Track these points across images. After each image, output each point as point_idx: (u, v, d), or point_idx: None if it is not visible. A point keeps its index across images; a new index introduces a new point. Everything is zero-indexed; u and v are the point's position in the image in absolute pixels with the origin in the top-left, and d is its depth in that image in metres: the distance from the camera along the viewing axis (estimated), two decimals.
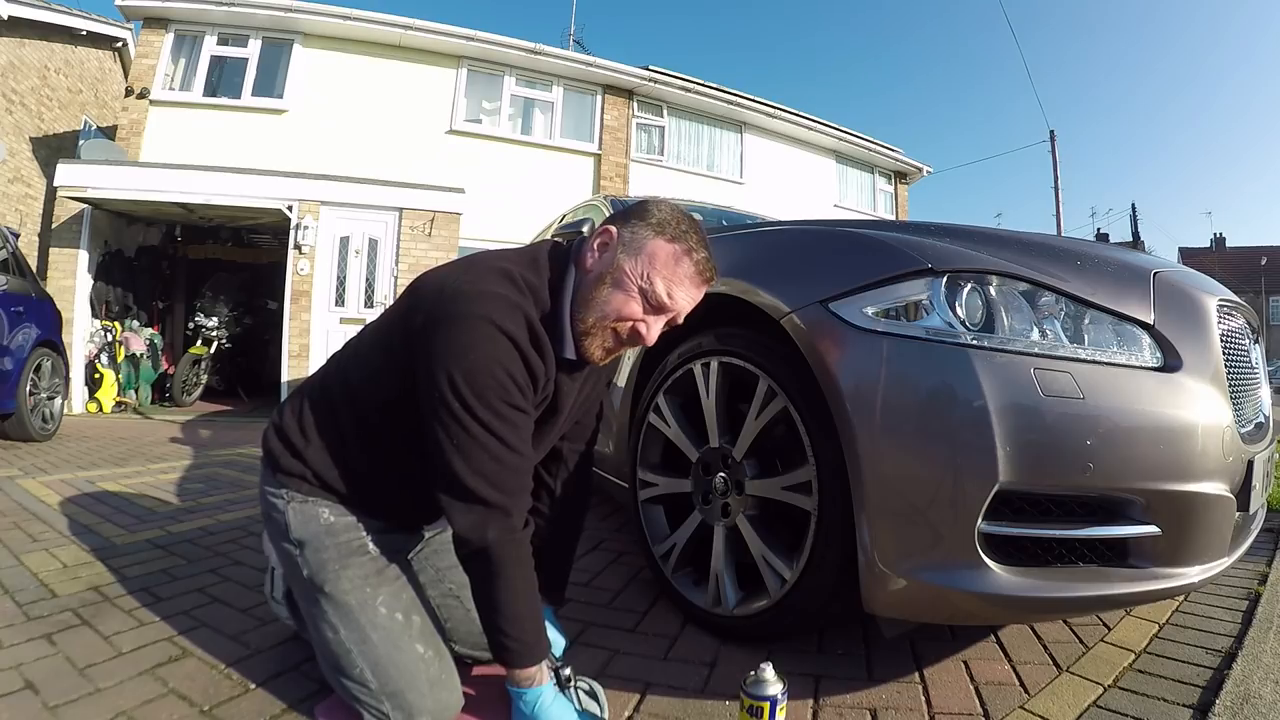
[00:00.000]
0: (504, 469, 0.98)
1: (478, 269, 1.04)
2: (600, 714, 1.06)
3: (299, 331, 6.57)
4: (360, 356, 1.12)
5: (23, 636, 1.31)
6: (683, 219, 1.08)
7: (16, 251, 4.34)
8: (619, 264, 1.05)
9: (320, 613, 1.06)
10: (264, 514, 1.16)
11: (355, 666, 1.03)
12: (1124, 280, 1.17)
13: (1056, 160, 14.73)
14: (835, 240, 1.37)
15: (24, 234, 5.51)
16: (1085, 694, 1.17)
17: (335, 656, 1.05)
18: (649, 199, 1.13)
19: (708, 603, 1.40)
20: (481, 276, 1.01)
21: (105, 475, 3.01)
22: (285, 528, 1.09)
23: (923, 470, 1.04)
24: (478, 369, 0.95)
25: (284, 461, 1.11)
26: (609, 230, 1.07)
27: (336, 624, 1.05)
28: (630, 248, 1.05)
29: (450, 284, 1.01)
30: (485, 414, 0.95)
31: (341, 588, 1.06)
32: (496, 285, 1.00)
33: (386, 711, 1.01)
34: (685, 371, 1.50)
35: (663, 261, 1.04)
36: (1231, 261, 29.76)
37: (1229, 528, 1.13)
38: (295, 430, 1.13)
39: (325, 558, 1.07)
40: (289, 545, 1.10)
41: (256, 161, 6.83)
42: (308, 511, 1.10)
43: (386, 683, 1.02)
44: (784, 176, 10.33)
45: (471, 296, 0.97)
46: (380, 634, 1.04)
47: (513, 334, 0.97)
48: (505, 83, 8.46)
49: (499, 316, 0.96)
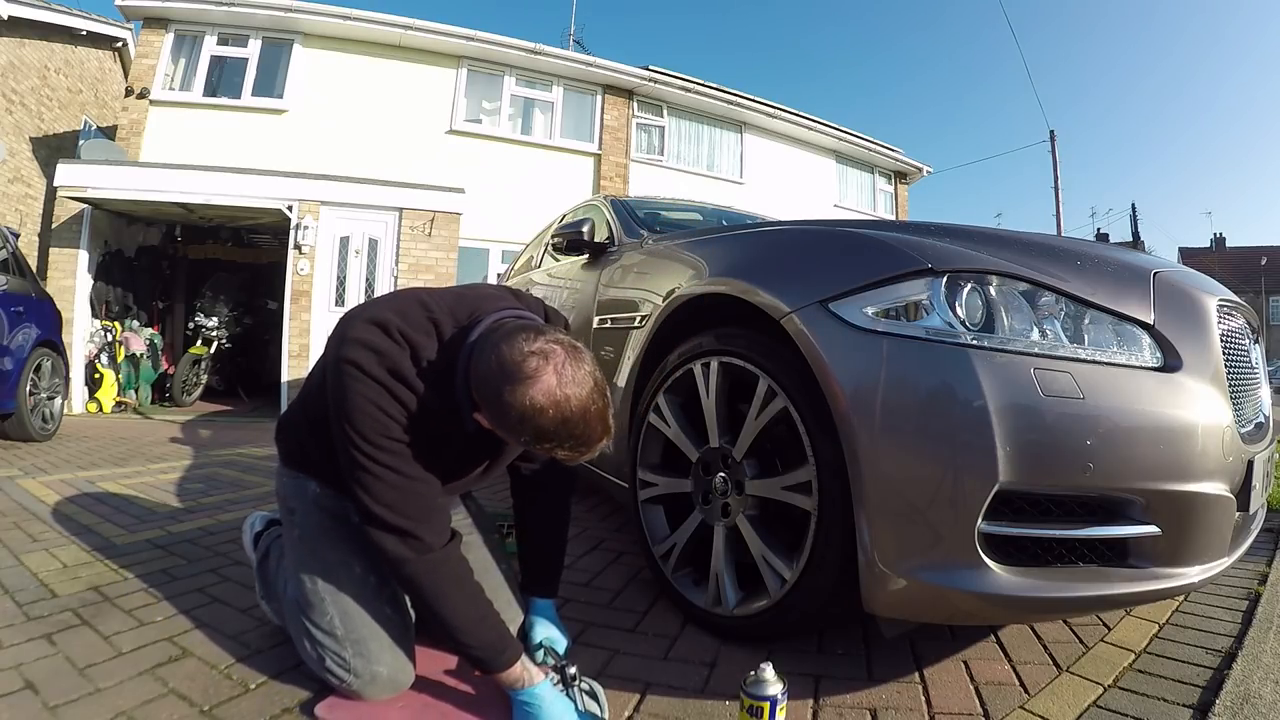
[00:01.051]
0: (405, 496, 1.03)
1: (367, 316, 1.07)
2: (600, 714, 1.06)
3: (299, 331, 6.57)
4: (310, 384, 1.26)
5: (23, 636, 1.31)
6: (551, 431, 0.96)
7: (16, 251, 4.34)
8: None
9: (301, 564, 1.19)
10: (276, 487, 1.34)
11: (326, 614, 1.12)
12: (1124, 280, 1.17)
13: (1056, 160, 14.73)
14: (835, 240, 1.37)
15: (24, 234, 5.51)
16: (1085, 694, 1.17)
17: (309, 604, 1.14)
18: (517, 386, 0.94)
19: (708, 603, 1.40)
20: (359, 326, 1.05)
21: (105, 475, 3.01)
22: (284, 496, 1.28)
23: (923, 470, 1.04)
24: (354, 409, 1.01)
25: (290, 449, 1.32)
26: (478, 419, 1.05)
27: (315, 574, 1.16)
28: (503, 430, 1.01)
29: (336, 331, 1.09)
30: (369, 449, 1.01)
31: (325, 544, 1.19)
32: (370, 336, 1.04)
33: (348, 658, 1.09)
34: (685, 371, 1.50)
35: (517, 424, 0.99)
36: (1231, 261, 29.76)
37: (1229, 528, 1.13)
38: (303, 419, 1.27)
39: (314, 521, 1.22)
40: (285, 512, 1.27)
41: (256, 161, 6.82)
42: (299, 484, 1.26)
43: (352, 630, 1.11)
44: (784, 176, 10.32)
45: (346, 342, 1.04)
46: (353, 588, 1.15)
47: (378, 377, 1.02)
48: (505, 83, 8.45)
49: (366, 363, 1.01)
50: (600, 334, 2.00)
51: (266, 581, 1.39)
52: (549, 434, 0.94)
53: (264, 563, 1.41)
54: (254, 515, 1.59)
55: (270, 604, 1.37)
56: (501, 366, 0.95)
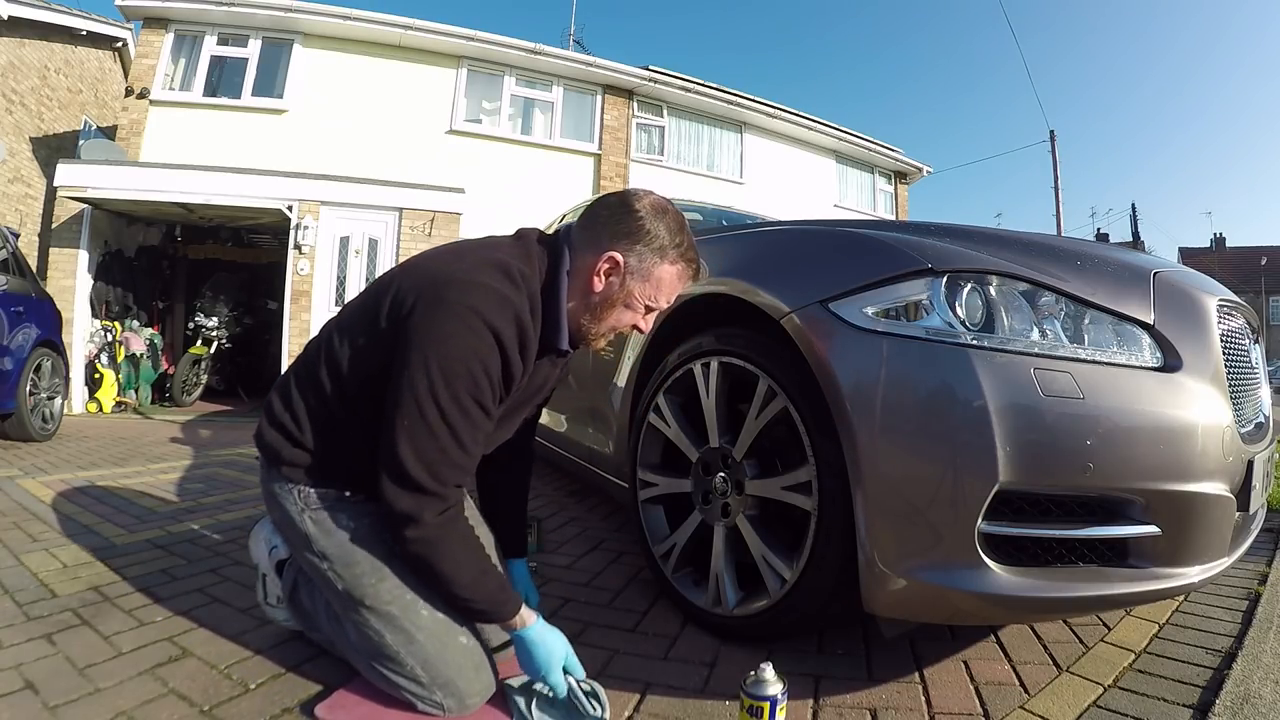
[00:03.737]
0: (447, 462, 0.99)
1: (473, 258, 1.05)
2: (601, 714, 1.06)
3: (299, 331, 6.57)
4: (344, 335, 1.10)
5: (23, 636, 1.31)
6: (677, 230, 1.13)
7: (16, 251, 4.34)
8: (629, 290, 1.12)
9: (361, 620, 1.08)
10: (275, 516, 1.16)
11: (405, 665, 1.06)
12: (1124, 280, 1.17)
13: (1056, 160, 14.74)
14: (835, 240, 1.37)
15: (24, 234, 5.51)
16: (1085, 694, 1.17)
17: (384, 657, 1.07)
18: (633, 202, 1.13)
19: (708, 603, 1.40)
20: (477, 267, 1.02)
21: (105, 475, 3.01)
22: (307, 538, 1.10)
23: (923, 470, 1.04)
24: (454, 357, 0.95)
25: (285, 453, 1.11)
26: (614, 259, 1.10)
27: (381, 630, 1.07)
28: (638, 275, 1.11)
29: (444, 271, 1.01)
30: (448, 403, 0.96)
31: (382, 599, 1.07)
32: (491, 278, 1.00)
33: (440, 700, 1.06)
34: (685, 371, 1.50)
35: (668, 284, 1.14)
36: (1231, 261, 29.76)
37: (1229, 528, 1.13)
38: (289, 419, 1.12)
39: (359, 572, 1.08)
40: (312, 556, 1.10)
41: (256, 161, 6.82)
42: (326, 522, 1.09)
43: (437, 676, 1.06)
44: (784, 176, 10.32)
45: (465, 285, 0.98)
46: (425, 634, 1.07)
47: (499, 331, 0.98)
48: (505, 83, 8.46)
49: (488, 311, 0.97)
50: None
51: (303, 613, 1.27)
52: (677, 230, 1.11)
53: (295, 596, 1.28)
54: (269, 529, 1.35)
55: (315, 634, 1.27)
56: (619, 204, 1.13)
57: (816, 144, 10.81)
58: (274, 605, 1.35)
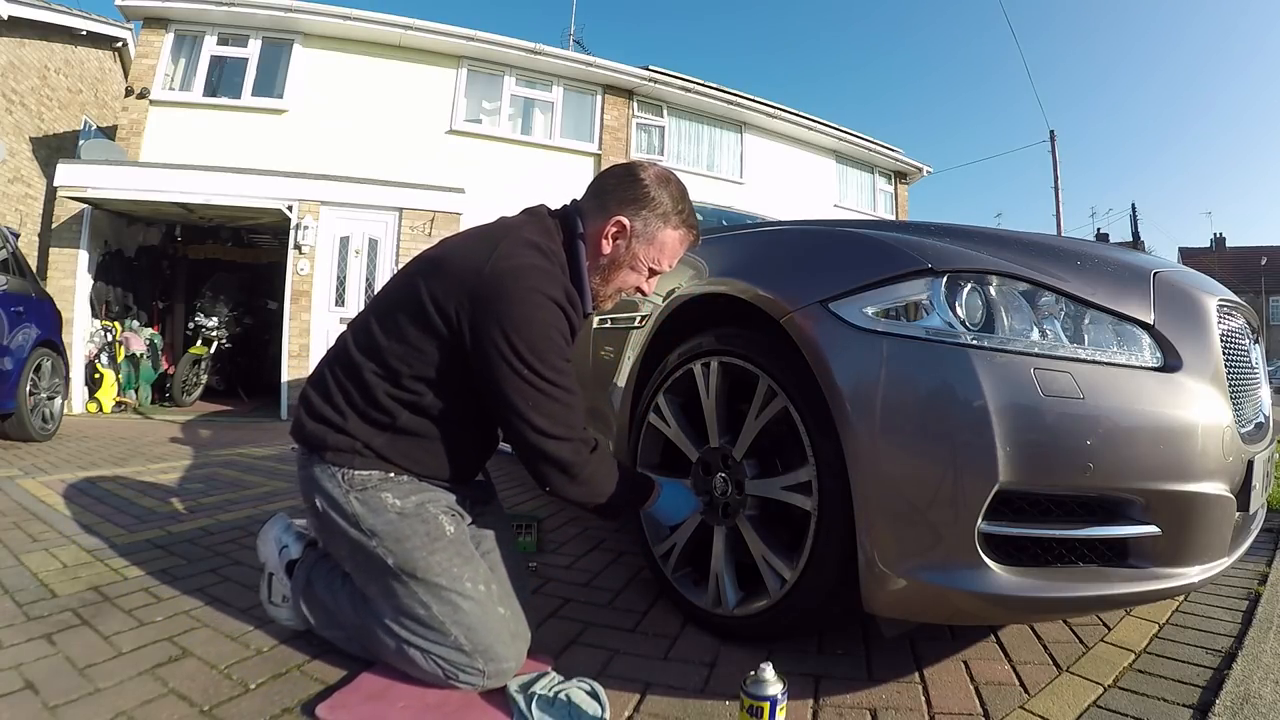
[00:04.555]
0: (573, 411, 1.14)
1: (506, 244, 1.12)
2: (601, 714, 1.06)
3: (299, 331, 6.57)
4: (389, 332, 1.16)
5: (23, 636, 1.31)
6: (679, 198, 1.25)
7: (16, 251, 4.34)
8: (634, 252, 1.24)
9: (407, 593, 1.14)
10: (317, 501, 1.18)
11: (449, 635, 1.12)
12: (1124, 280, 1.17)
13: (1056, 160, 14.73)
14: (835, 240, 1.37)
15: (24, 234, 5.51)
16: (1085, 694, 1.17)
17: (426, 631, 1.12)
18: (639, 171, 1.25)
19: (708, 603, 1.40)
20: (517, 252, 1.11)
21: (105, 475, 3.01)
22: (354, 518, 1.15)
23: (923, 470, 1.04)
24: (539, 336, 1.08)
25: (331, 439, 1.16)
26: (621, 222, 1.22)
27: (428, 601, 1.13)
28: (643, 238, 1.23)
29: (489, 263, 1.09)
30: (550, 373, 1.09)
31: (432, 571, 1.14)
32: (533, 259, 1.12)
33: (481, 666, 1.12)
34: (685, 371, 1.50)
35: (670, 248, 1.26)
36: (1231, 261, 29.75)
37: (1229, 528, 1.13)
38: (330, 410, 1.18)
39: (410, 546, 1.14)
40: (360, 535, 1.15)
41: (256, 161, 6.82)
42: (374, 501, 1.15)
43: (479, 643, 1.12)
44: (784, 176, 10.32)
45: (516, 272, 1.09)
46: (470, 603, 1.14)
47: (559, 300, 1.12)
48: (505, 83, 8.46)
49: (545, 286, 1.10)
50: (600, 334, 2.01)
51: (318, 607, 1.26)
52: (680, 198, 1.23)
53: (310, 591, 1.28)
54: (280, 528, 1.41)
55: (327, 631, 1.27)
56: (626, 174, 1.24)
57: (816, 144, 10.81)
58: (278, 605, 1.35)
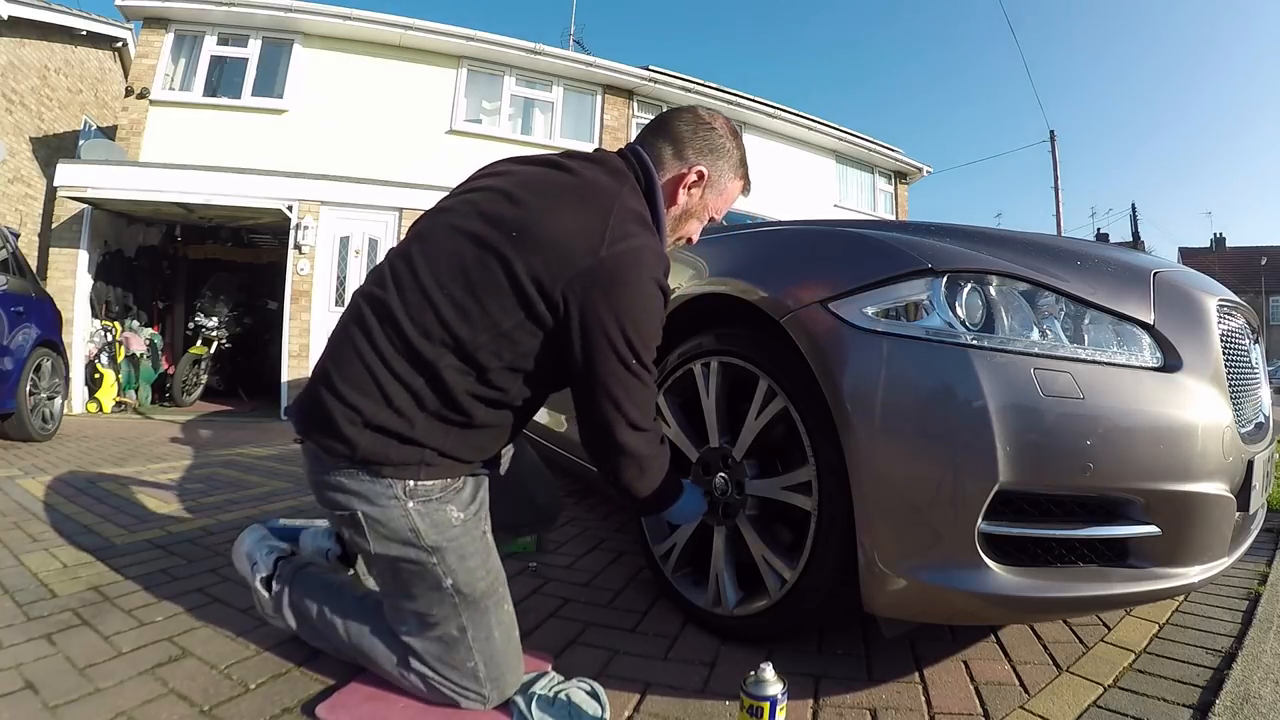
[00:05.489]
0: (655, 398, 1.12)
1: (620, 218, 1.02)
2: (601, 714, 1.06)
3: (299, 331, 6.58)
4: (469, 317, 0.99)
5: (23, 636, 1.31)
6: (743, 150, 1.24)
7: (16, 251, 4.34)
8: (705, 202, 1.21)
9: (451, 615, 1.05)
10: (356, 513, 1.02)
11: (470, 661, 1.06)
12: (1124, 280, 1.17)
13: (1056, 160, 14.75)
14: (835, 240, 1.37)
15: (24, 234, 5.51)
16: (1085, 694, 1.17)
17: (449, 653, 1.06)
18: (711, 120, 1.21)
19: (708, 603, 1.40)
20: (631, 231, 1.02)
21: (105, 475, 3.01)
22: (414, 532, 1.02)
23: (923, 470, 1.04)
24: (652, 328, 1.05)
25: (395, 453, 1.00)
26: (702, 172, 1.19)
27: (466, 625, 1.06)
28: (715, 188, 1.21)
29: (605, 245, 0.98)
30: (646, 358, 1.05)
31: (488, 591, 1.09)
32: (647, 239, 1.05)
33: (486, 693, 1.07)
34: (685, 371, 1.50)
35: (731, 198, 1.25)
36: (1231, 261, 29.74)
37: (1229, 528, 1.13)
38: (391, 417, 0.99)
39: (472, 565, 1.07)
40: (417, 550, 1.02)
41: (256, 161, 6.82)
42: (438, 515, 1.04)
43: (493, 670, 1.07)
44: (784, 176, 10.31)
45: (640, 259, 1.01)
46: (501, 630, 1.10)
47: (666, 287, 1.07)
48: (505, 83, 8.45)
49: (660, 274, 1.05)
50: None
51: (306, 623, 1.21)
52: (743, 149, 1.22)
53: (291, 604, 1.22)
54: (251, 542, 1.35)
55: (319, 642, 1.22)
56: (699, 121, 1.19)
57: (816, 144, 10.80)
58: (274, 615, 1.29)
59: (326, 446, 1.02)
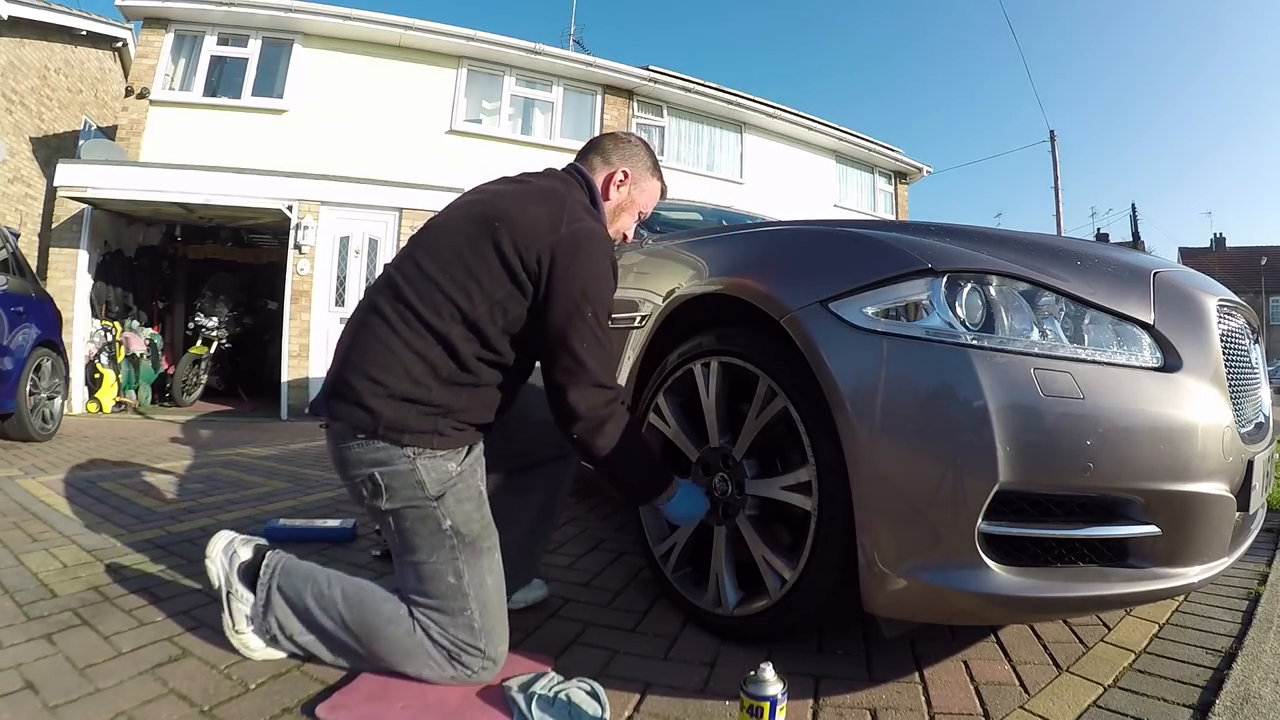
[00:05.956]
0: (613, 361, 1.28)
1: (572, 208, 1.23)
2: (601, 714, 1.06)
3: (299, 331, 6.58)
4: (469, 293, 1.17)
5: (23, 636, 1.31)
6: (654, 155, 1.47)
7: (16, 251, 4.34)
8: (633, 197, 1.42)
9: (448, 557, 1.17)
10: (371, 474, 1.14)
11: (467, 609, 1.16)
12: (1124, 280, 1.17)
13: (1056, 160, 14.74)
14: (835, 240, 1.37)
15: (24, 234, 5.51)
16: (1085, 694, 1.17)
17: (447, 601, 1.16)
18: (626, 135, 1.47)
19: (708, 603, 1.40)
20: (581, 216, 1.23)
21: (105, 475, 3.02)
22: (417, 484, 1.15)
23: (923, 470, 1.04)
24: (603, 290, 1.21)
25: (414, 420, 1.14)
26: (626, 171, 1.40)
27: (463, 570, 1.17)
28: (639, 185, 1.42)
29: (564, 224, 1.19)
30: (605, 320, 1.21)
31: (481, 535, 1.21)
32: (596, 222, 1.27)
33: (482, 646, 1.16)
34: (685, 371, 1.50)
35: (652, 195, 1.47)
36: (1231, 261, 29.75)
37: (1229, 528, 1.13)
38: (410, 385, 1.14)
39: (469, 509, 1.20)
40: (420, 499, 1.15)
41: (256, 161, 6.82)
42: (439, 468, 1.17)
43: (487, 620, 1.17)
44: (784, 176, 10.32)
45: (591, 236, 1.21)
46: (493, 578, 1.21)
47: (614, 260, 1.26)
48: (505, 83, 8.46)
49: (609, 249, 1.24)
50: None
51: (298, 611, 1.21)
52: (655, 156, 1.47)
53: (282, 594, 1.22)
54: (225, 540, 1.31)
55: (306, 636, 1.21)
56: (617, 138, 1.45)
57: (816, 144, 10.81)
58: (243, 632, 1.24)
59: (354, 420, 1.15)
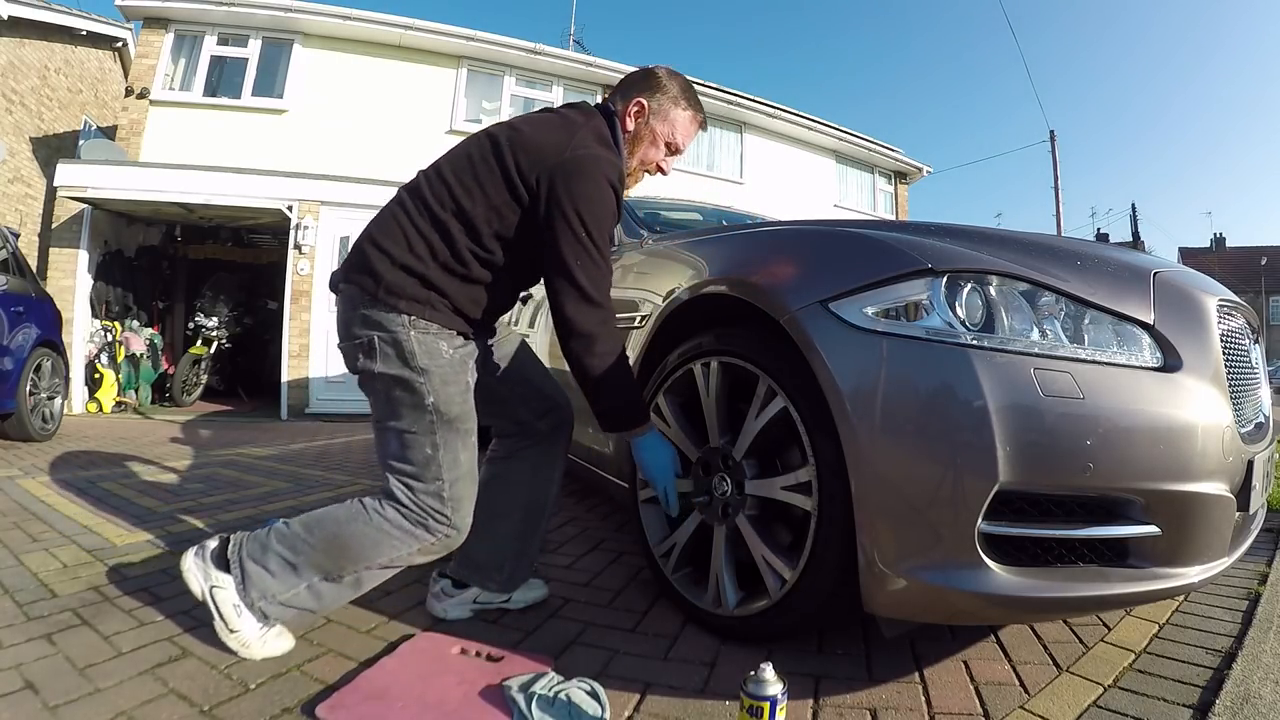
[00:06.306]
0: (607, 279, 1.30)
1: (580, 135, 1.29)
2: (601, 714, 1.06)
3: (299, 331, 6.58)
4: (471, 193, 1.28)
5: (23, 636, 1.31)
6: (686, 87, 1.47)
7: (16, 251, 4.34)
8: (653, 128, 1.43)
9: (427, 429, 1.25)
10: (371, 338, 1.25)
11: (439, 478, 1.25)
12: (1124, 280, 1.17)
13: (1056, 160, 14.75)
14: (835, 240, 1.36)
15: (24, 234, 5.51)
16: (1085, 694, 1.17)
17: (421, 469, 1.24)
18: (652, 69, 1.47)
19: (708, 603, 1.40)
20: (590, 143, 1.29)
21: (105, 475, 3.02)
22: (409, 353, 1.24)
23: (923, 470, 1.04)
24: (599, 212, 1.26)
25: (411, 289, 1.25)
26: (640, 103, 1.42)
27: (440, 444, 1.25)
28: (658, 115, 1.43)
29: (570, 148, 1.27)
30: (601, 242, 1.27)
31: (461, 417, 1.28)
32: (604, 150, 1.31)
33: (448, 514, 1.25)
34: (685, 371, 1.50)
35: (682, 126, 1.46)
36: (1231, 261, 29.75)
37: (1229, 528, 1.13)
38: (413, 259, 1.26)
39: (452, 391, 1.27)
40: (409, 369, 1.24)
41: (256, 161, 6.82)
42: (430, 344, 1.25)
43: (455, 492, 1.26)
44: (784, 176, 10.32)
45: (594, 159, 1.27)
46: (465, 456, 1.29)
47: (616, 186, 1.30)
48: (505, 83, 8.46)
49: (611, 174, 1.28)
50: None
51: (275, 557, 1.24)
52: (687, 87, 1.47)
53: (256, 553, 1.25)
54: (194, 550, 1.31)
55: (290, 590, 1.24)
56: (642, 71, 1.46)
57: (816, 144, 10.81)
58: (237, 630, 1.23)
59: (361, 283, 1.28)
